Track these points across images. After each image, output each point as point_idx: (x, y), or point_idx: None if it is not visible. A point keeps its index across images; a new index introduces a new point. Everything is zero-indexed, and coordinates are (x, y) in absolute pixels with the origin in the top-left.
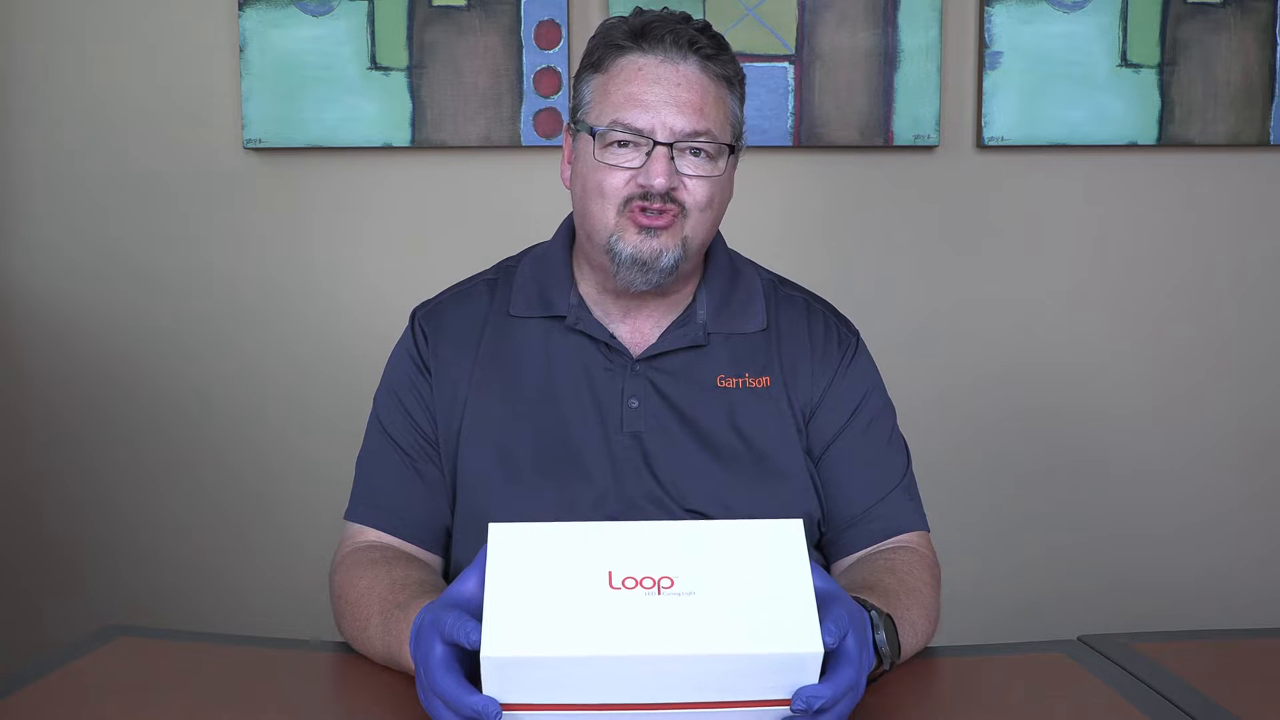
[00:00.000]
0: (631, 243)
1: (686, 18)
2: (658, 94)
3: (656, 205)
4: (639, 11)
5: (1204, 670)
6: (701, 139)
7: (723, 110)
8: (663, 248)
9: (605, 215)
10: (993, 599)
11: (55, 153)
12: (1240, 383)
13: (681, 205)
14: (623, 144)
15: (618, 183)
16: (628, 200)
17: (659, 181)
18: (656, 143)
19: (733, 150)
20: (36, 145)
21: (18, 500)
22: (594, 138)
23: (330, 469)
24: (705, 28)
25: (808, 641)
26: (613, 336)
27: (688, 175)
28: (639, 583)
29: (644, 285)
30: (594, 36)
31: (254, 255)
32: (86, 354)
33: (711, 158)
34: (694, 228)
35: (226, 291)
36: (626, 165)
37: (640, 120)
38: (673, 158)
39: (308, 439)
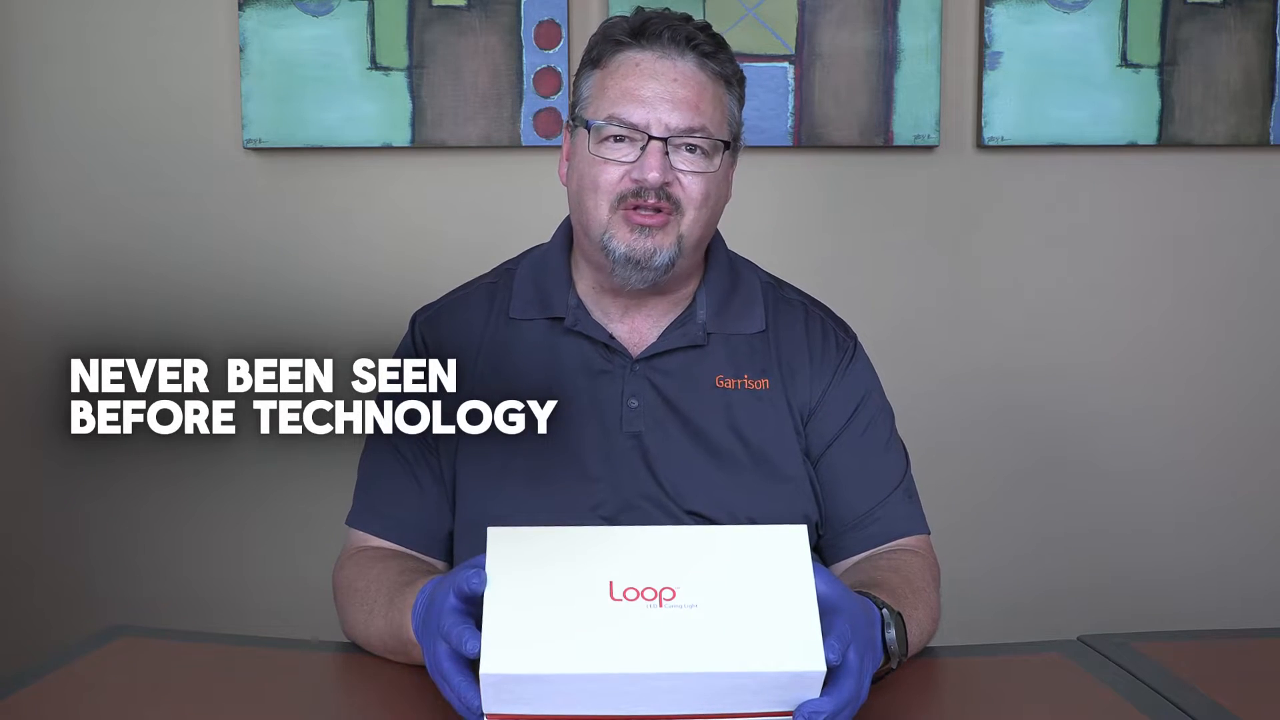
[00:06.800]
0: (625, 241)
1: (687, 17)
2: (654, 89)
3: (650, 203)
4: (639, 10)
5: (1204, 670)
6: (697, 135)
7: (719, 108)
8: (657, 246)
9: (599, 211)
10: (992, 599)
11: (55, 153)
12: (1239, 381)
13: (676, 202)
14: (618, 139)
15: (612, 178)
16: (621, 197)
17: (653, 176)
18: (651, 137)
19: (729, 147)
20: (37, 145)
21: (18, 500)
22: (590, 132)
23: (330, 468)
24: (705, 27)
25: (810, 660)
26: (612, 337)
27: (682, 171)
28: (640, 594)
29: (640, 283)
30: (595, 33)
31: (254, 255)
32: (86, 353)
33: (707, 154)
34: (690, 225)
35: (226, 291)
36: (621, 160)
37: (636, 115)
38: (668, 153)
39: (307, 437)
